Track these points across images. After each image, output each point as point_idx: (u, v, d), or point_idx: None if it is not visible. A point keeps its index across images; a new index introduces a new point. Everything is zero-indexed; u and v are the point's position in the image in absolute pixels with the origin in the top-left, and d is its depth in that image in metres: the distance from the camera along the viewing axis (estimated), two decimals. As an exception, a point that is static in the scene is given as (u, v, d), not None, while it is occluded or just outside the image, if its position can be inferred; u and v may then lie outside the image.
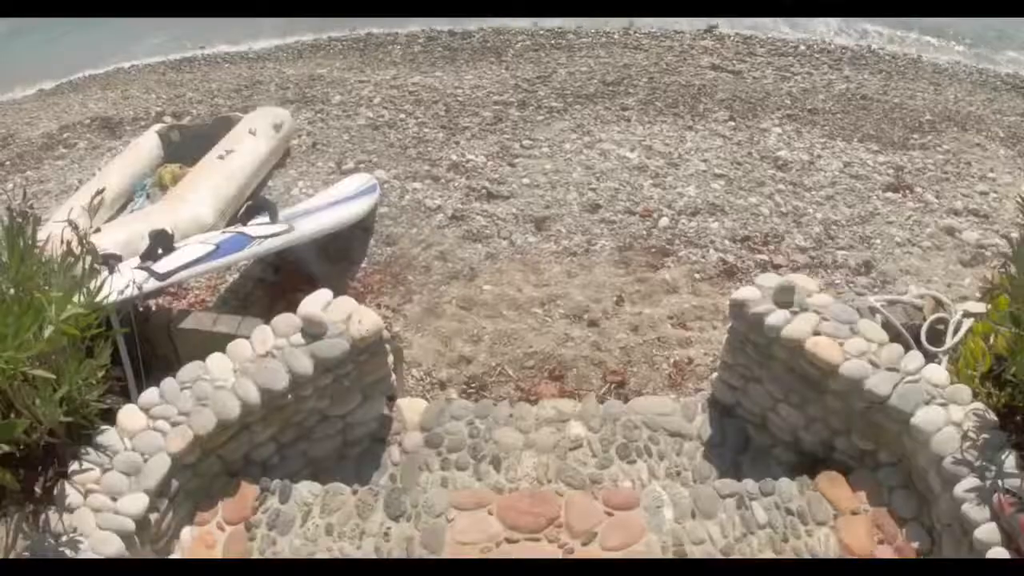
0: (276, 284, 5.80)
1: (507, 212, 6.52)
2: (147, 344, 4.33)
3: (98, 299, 3.11)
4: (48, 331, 2.83)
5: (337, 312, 3.91)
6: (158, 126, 7.79)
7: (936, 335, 4.14)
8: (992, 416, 3.24)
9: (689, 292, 5.63)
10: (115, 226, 5.53)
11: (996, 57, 14.33)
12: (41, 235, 3.26)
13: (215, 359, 3.71)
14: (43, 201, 7.64)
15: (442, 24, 12.55)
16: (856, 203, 6.83)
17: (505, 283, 5.69)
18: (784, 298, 3.90)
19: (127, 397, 3.71)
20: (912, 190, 7.09)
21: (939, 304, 4.39)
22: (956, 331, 4.06)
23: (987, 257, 6.05)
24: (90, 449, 3.29)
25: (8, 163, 9.09)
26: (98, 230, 3.69)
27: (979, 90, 11.05)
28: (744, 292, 3.99)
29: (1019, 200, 3.80)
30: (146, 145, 7.40)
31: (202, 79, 11.57)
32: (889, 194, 7.02)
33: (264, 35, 14.20)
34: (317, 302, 3.96)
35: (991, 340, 3.55)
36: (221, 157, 6.58)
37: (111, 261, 4.40)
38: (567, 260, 5.95)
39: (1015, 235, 3.56)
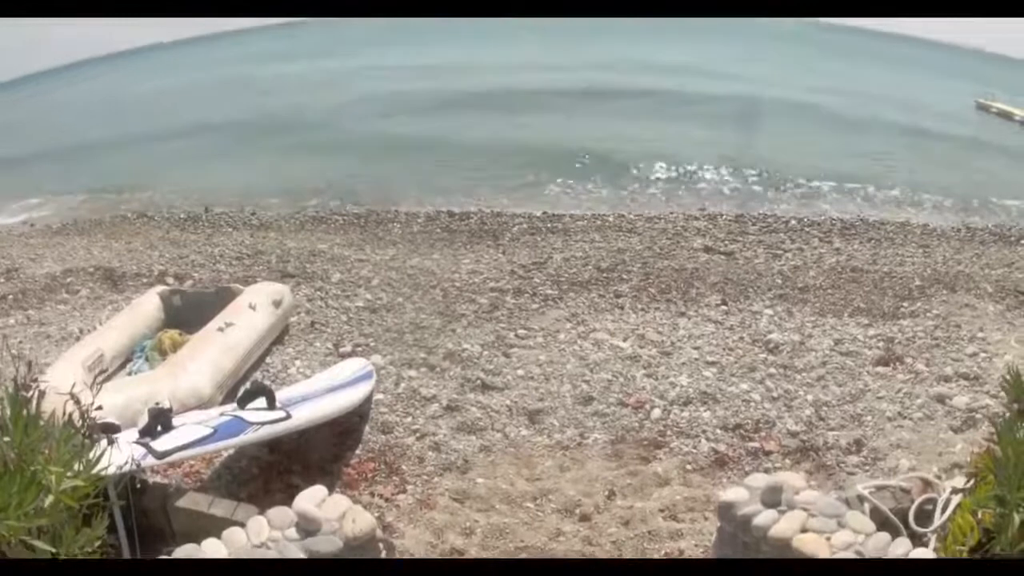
0: (271, 463, 6.05)
1: (501, 404, 6.86)
2: (142, 515, 4.59)
3: (96, 470, 3.37)
4: (48, 500, 3.07)
5: (331, 509, 4.18)
6: (160, 288, 8.34)
7: (925, 515, 4.35)
8: None
9: (680, 484, 5.87)
10: (113, 389, 5.84)
11: (981, 209, 15.35)
12: (42, 379, 3.54)
13: (211, 544, 3.95)
14: (43, 345, 8.17)
15: (441, 205, 13.46)
16: (847, 381, 7.17)
17: (498, 476, 5.94)
18: (771, 498, 4.18)
19: (121, 567, 3.90)
20: (902, 361, 7.46)
21: (927, 484, 4.62)
22: (944, 509, 4.26)
23: (977, 420, 6.30)
24: (83, 617, 3.44)
25: (11, 297, 9.67)
26: (100, 407, 3.99)
27: (966, 246, 11.71)
28: (732, 494, 4.27)
29: (1004, 381, 4.03)
30: (147, 306, 7.88)
31: (205, 241, 12.24)
32: (879, 368, 7.37)
33: (269, 201, 15.19)
34: (312, 498, 4.24)
35: (979, 515, 3.76)
36: (221, 329, 7.02)
37: (110, 434, 4.69)
38: (560, 454, 6.22)
39: (1003, 395, 3.79)
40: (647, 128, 22.17)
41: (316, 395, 6.16)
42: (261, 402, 5.73)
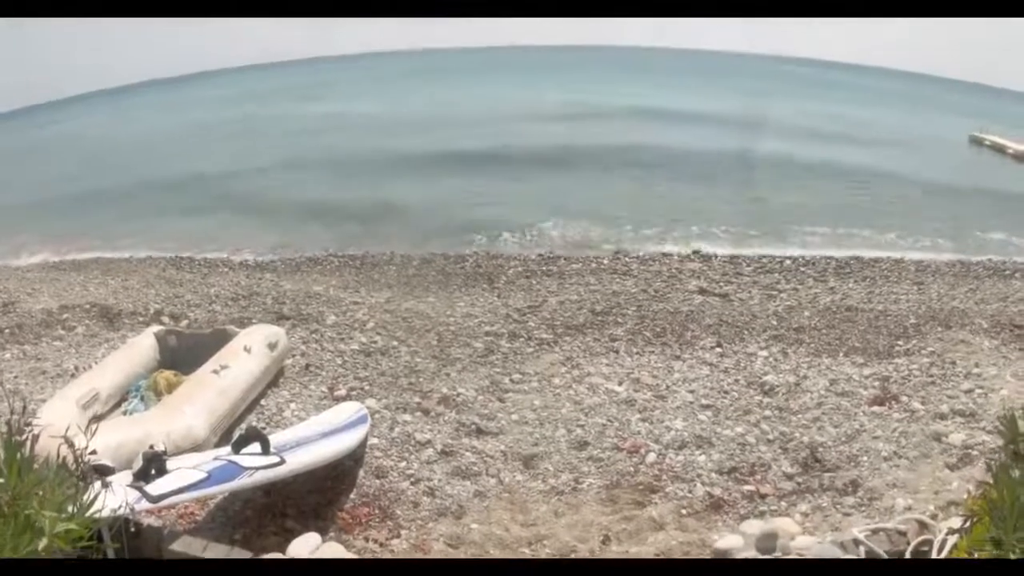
0: (265, 506, 6.06)
1: (496, 449, 6.87)
2: (137, 557, 4.59)
3: (90, 513, 3.41)
4: (42, 544, 3.10)
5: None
6: (156, 328, 8.39)
7: (921, 557, 4.35)
8: None
9: (676, 528, 5.87)
10: (109, 428, 5.87)
11: (974, 244, 15.51)
12: (36, 419, 3.59)
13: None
14: (39, 381, 8.21)
15: (436, 247, 13.56)
16: (842, 422, 7.19)
17: (493, 522, 5.93)
18: (766, 544, 4.23)
19: (115, 610, 3.91)
20: (898, 400, 7.49)
21: (923, 526, 4.65)
22: (940, 551, 4.25)
23: (974, 457, 6.32)
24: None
25: (7, 331, 9.73)
26: (94, 452, 4.04)
27: (961, 282, 11.81)
28: (727, 541, 4.32)
29: (999, 422, 4.07)
30: (143, 346, 7.94)
31: (201, 281, 12.32)
32: (875, 408, 7.40)
33: (264, 244, 15.30)
34: (306, 545, 4.26)
35: (975, 555, 3.78)
36: (216, 371, 7.08)
37: (104, 477, 4.73)
38: (554, 499, 6.22)
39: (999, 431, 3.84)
40: (638, 182, 22.39)
41: (310, 440, 6.19)
42: (256, 447, 5.77)
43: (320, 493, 6.21)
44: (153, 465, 5.13)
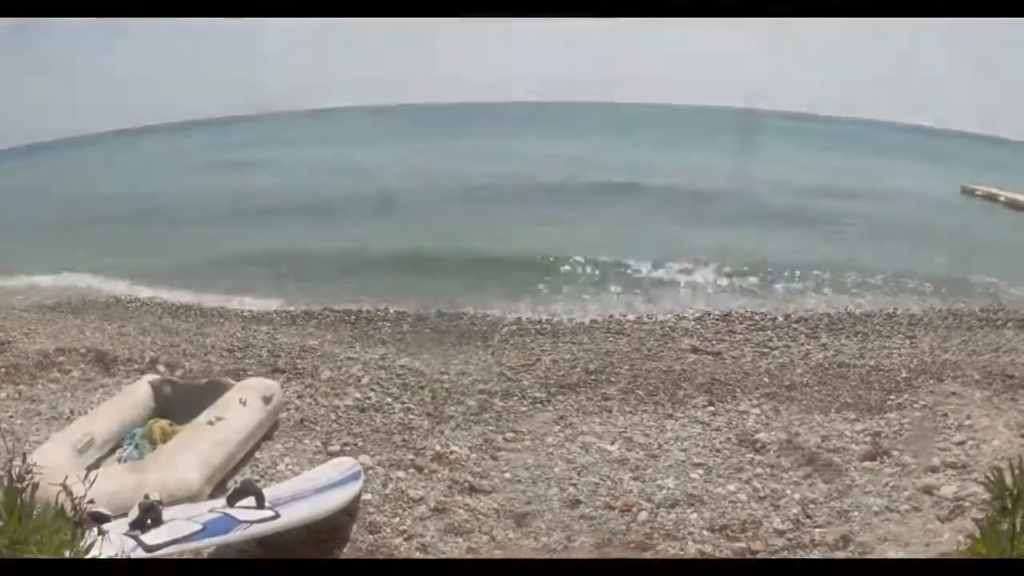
0: (258, 558, 6.10)
1: (488, 507, 6.91)
2: None
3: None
4: None
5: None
6: (151, 376, 8.48)
7: None
8: None
9: (667, 587, 5.94)
10: (103, 476, 5.93)
11: (968, 293, 15.58)
12: (33, 464, 3.67)
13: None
14: (34, 422, 8.26)
15: (431, 304, 13.67)
16: (834, 478, 7.25)
17: (484, 579, 5.98)
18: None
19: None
20: (889, 454, 7.56)
21: None
22: None
23: (966, 508, 6.36)
24: None
25: (2, 371, 9.72)
26: (92, 501, 4.13)
27: (953, 334, 11.82)
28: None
29: (988, 478, 4.14)
30: (139, 393, 8.03)
31: (197, 331, 12.35)
32: (866, 464, 7.46)
33: (259, 295, 15.39)
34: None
35: None
36: (211, 423, 7.16)
37: (101, 524, 4.82)
38: (546, 557, 6.22)
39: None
40: (633, 230, 22.56)
41: (305, 494, 6.27)
42: (250, 501, 5.86)
43: (314, 546, 6.24)
44: (149, 515, 5.24)
